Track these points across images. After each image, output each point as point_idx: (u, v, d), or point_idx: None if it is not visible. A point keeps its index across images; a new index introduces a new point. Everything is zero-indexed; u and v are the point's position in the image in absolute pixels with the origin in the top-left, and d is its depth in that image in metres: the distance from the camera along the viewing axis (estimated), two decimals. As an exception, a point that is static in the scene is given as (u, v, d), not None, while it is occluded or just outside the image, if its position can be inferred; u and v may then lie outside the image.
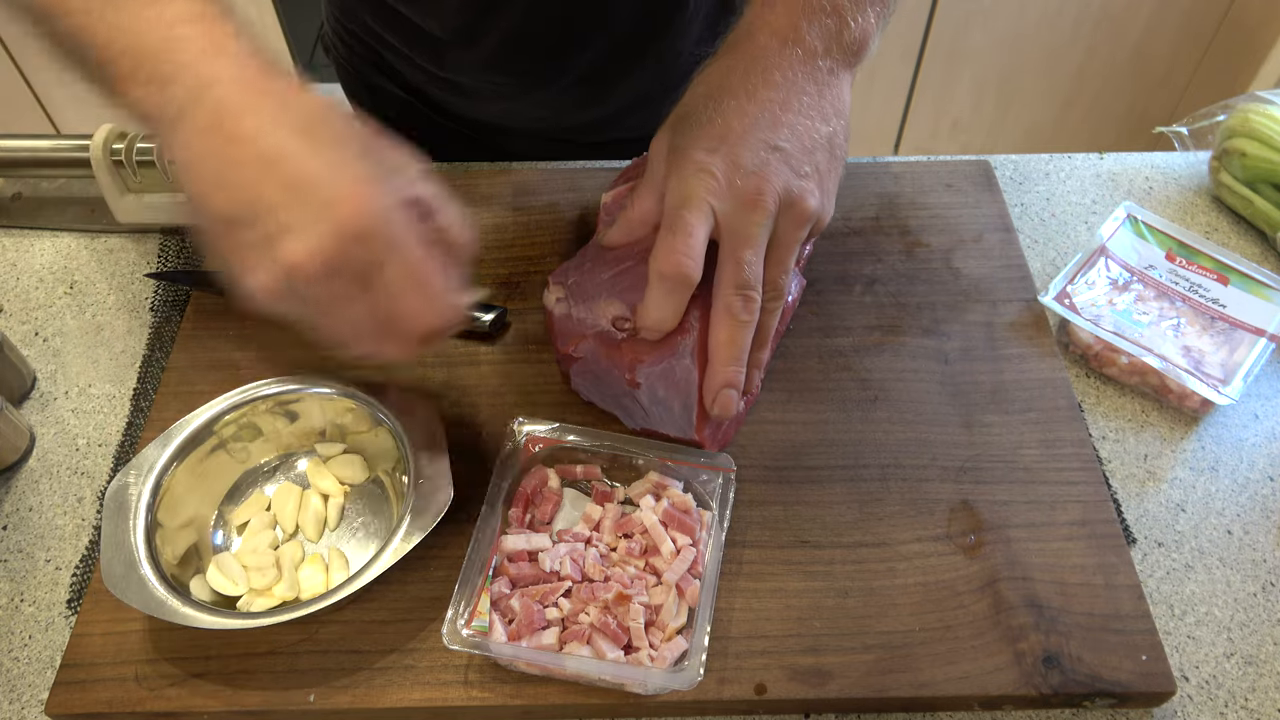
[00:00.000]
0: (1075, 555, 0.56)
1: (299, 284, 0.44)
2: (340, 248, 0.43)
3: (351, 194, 0.43)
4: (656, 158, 0.59)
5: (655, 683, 0.50)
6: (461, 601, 0.51)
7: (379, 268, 0.45)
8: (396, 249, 0.45)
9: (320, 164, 0.44)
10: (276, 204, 0.44)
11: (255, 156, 0.44)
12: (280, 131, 0.44)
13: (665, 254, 0.53)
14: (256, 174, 0.44)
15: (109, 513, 0.54)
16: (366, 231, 0.44)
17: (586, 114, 0.85)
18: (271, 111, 0.45)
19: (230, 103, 0.44)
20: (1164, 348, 0.65)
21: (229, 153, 0.44)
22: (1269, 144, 0.74)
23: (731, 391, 0.56)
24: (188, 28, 0.45)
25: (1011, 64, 1.73)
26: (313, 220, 0.43)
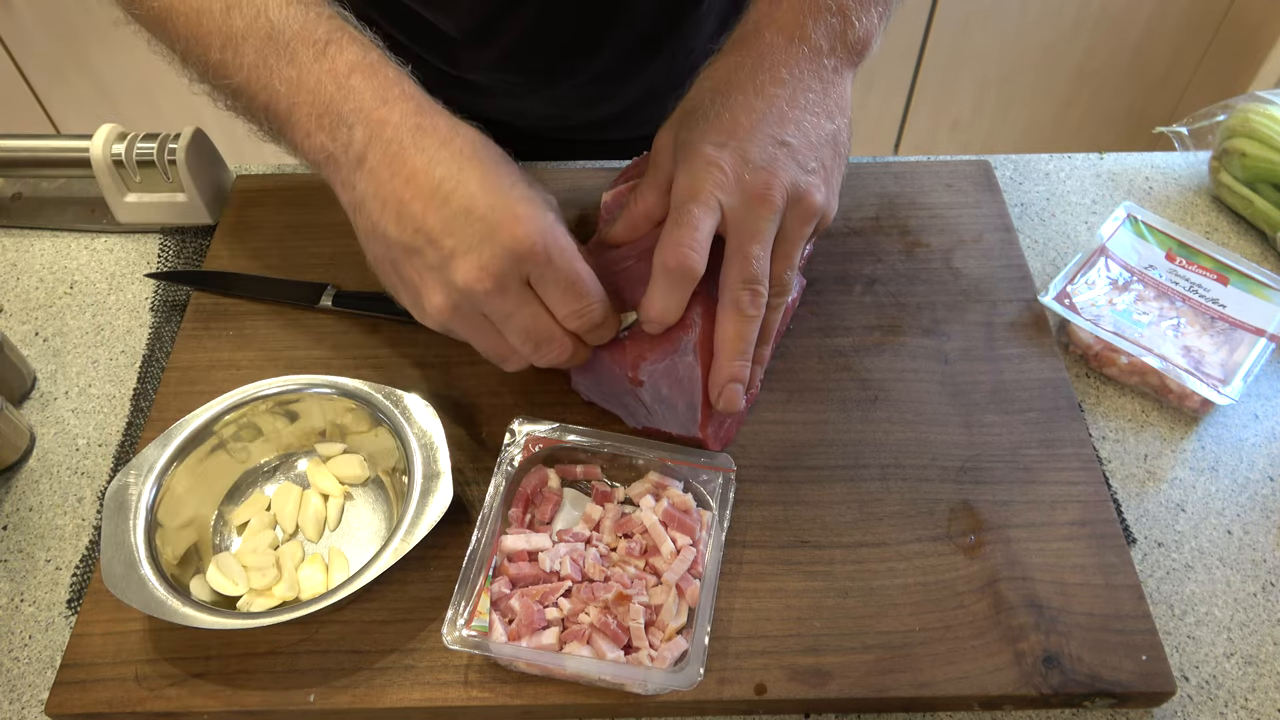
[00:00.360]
0: (1075, 555, 0.56)
1: (472, 300, 0.51)
2: (507, 264, 0.49)
3: (513, 216, 0.49)
4: (661, 154, 0.59)
5: (655, 683, 0.50)
6: (461, 601, 0.51)
7: (541, 279, 0.51)
8: (555, 260, 0.50)
9: (482, 191, 0.50)
10: (447, 230, 0.49)
11: (426, 190, 0.50)
12: (444, 166, 0.50)
13: (671, 247, 0.53)
14: (427, 205, 0.50)
15: (109, 513, 0.54)
16: (530, 247, 0.49)
17: (596, 112, 0.85)
18: (435, 149, 0.50)
19: (401, 144, 0.51)
20: (1164, 348, 0.65)
21: (403, 189, 0.50)
22: (1269, 144, 0.74)
23: (737, 386, 0.56)
24: (358, 78, 0.52)
25: (1011, 64, 1.73)
26: (480, 242, 0.49)
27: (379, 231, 0.52)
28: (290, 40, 0.53)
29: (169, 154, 0.73)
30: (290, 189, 0.77)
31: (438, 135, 0.51)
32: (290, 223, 0.74)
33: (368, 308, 0.68)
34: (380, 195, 0.51)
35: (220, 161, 0.79)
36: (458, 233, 0.49)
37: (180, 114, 1.74)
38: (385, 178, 0.51)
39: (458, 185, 0.50)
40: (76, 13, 1.60)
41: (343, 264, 0.71)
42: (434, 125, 0.51)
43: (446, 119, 0.52)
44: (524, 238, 0.49)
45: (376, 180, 0.51)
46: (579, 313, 0.53)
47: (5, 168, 0.76)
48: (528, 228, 0.49)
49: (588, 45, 0.78)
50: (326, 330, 0.68)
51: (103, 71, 1.69)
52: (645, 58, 0.80)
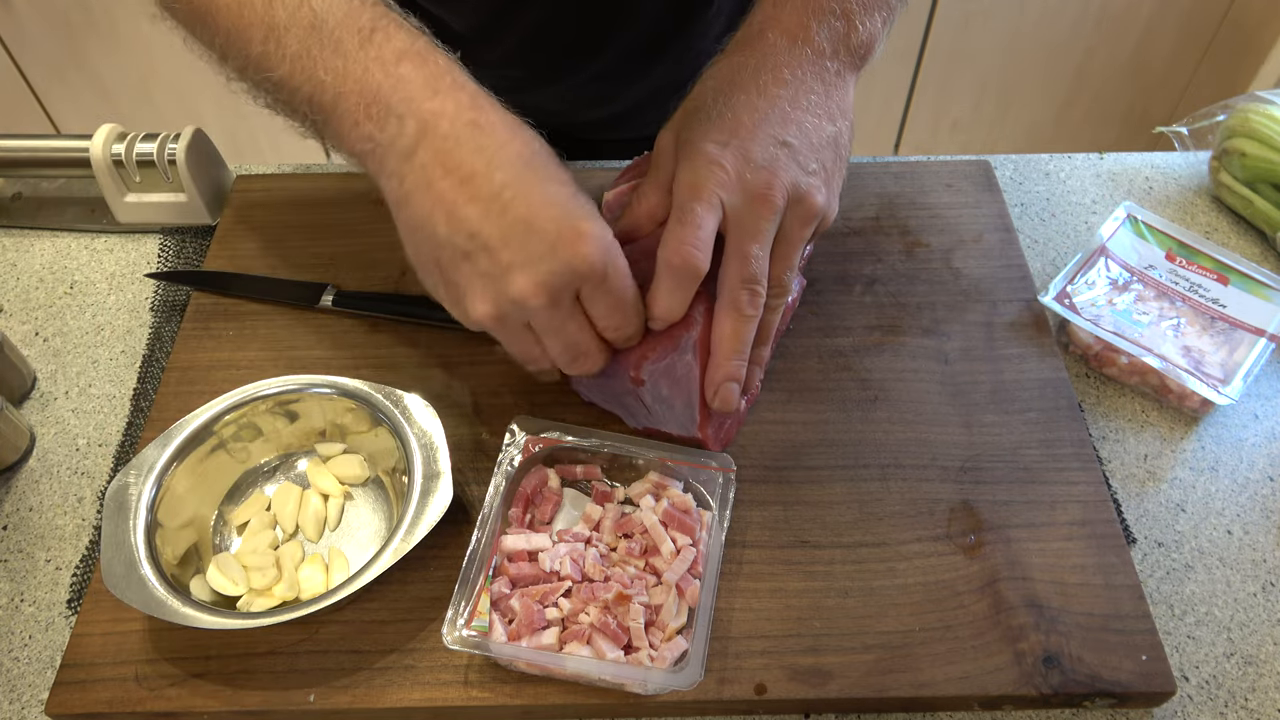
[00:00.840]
0: (1075, 555, 0.56)
1: (522, 312, 0.50)
2: (566, 280, 0.49)
3: (577, 233, 0.48)
4: (663, 153, 0.59)
5: (655, 683, 0.50)
6: (462, 601, 0.51)
7: (593, 296, 0.51)
8: (611, 280, 0.50)
9: (544, 203, 0.48)
10: (505, 241, 0.48)
11: (485, 195, 0.48)
12: (504, 170, 0.48)
13: (674, 245, 0.53)
14: (485, 211, 0.48)
15: (109, 513, 0.54)
16: (591, 266, 0.49)
17: (601, 111, 0.85)
18: (493, 149, 0.49)
19: (457, 140, 0.49)
20: (1164, 348, 0.65)
21: (458, 191, 0.48)
22: (1269, 144, 0.74)
23: (733, 385, 0.56)
24: (407, 66, 0.50)
25: (1011, 64, 1.73)
26: (540, 257, 0.48)
27: (427, 230, 0.50)
28: (334, 28, 0.51)
29: (169, 154, 0.74)
30: (290, 189, 0.77)
31: (495, 135, 0.49)
32: (290, 223, 0.74)
33: (368, 308, 0.68)
34: (432, 193, 0.49)
35: (220, 161, 0.79)
36: (516, 245, 0.48)
37: (180, 114, 1.74)
38: (438, 175, 0.49)
39: (517, 194, 0.48)
40: (76, 13, 1.60)
41: (343, 264, 0.71)
42: (491, 123, 0.50)
43: (502, 115, 0.51)
44: (587, 257, 0.48)
45: (428, 177, 0.49)
46: (620, 327, 0.54)
47: (5, 168, 0.76)
48: (592, 246, 0.48)
49: (594, 43, 0.78)
50: (326, 330, 0.68)
51: (103, 71, 1.69)
52: (651, 57, 0.80)
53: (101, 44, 1.65)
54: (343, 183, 0.77)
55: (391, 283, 0.70)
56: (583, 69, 0.80)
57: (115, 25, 1.62)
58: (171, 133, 0.75)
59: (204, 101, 1.71)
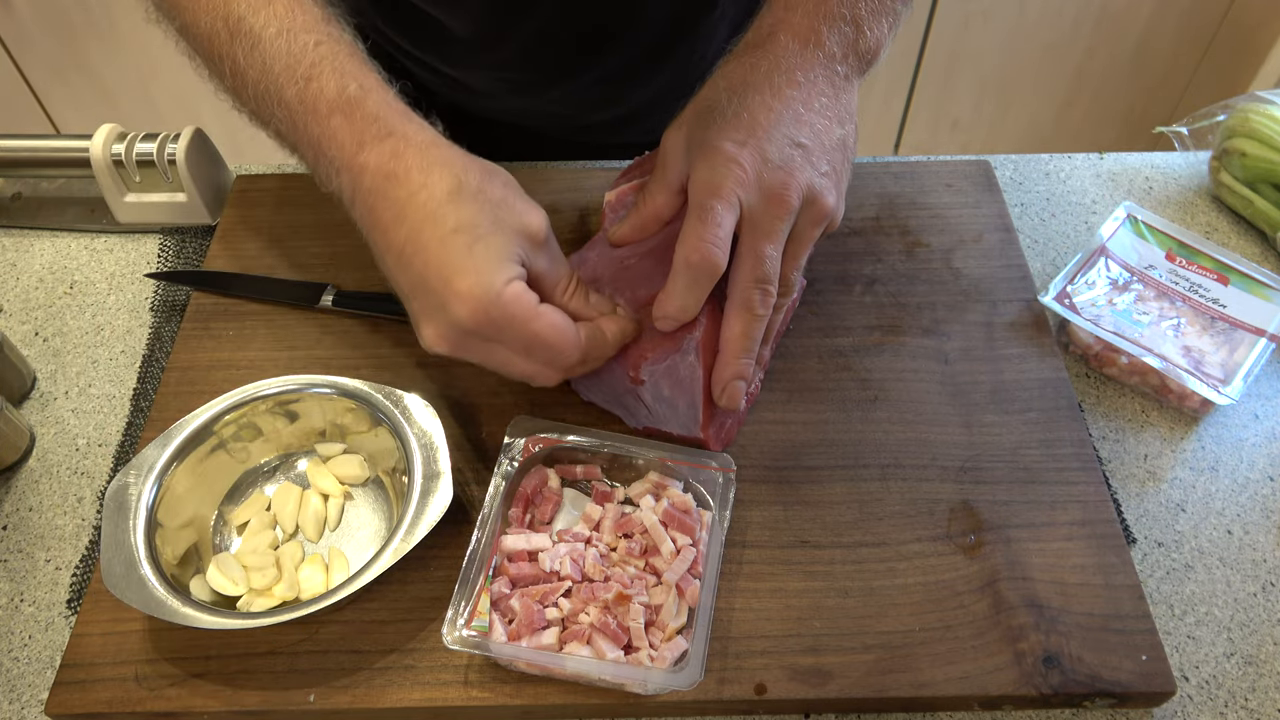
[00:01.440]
0: (1075, 555, 0.56)
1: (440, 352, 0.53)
2: (459, 336, 0.52)
3: (456, 293, 0.50)
4: (671, 153, 0.59)
5: (655, 683, 0.50)
6: (462, 601, 0.51)
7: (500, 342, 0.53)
8: (507, 329, 0.51)
9: (434, 260, 0.50)
10: (412, 292, 0.52)
11: (394, 248, 0.52)
12: (407, 224, 0.51)
13: (694, 243, 0.53)
14: (395, 263, 0.52)
15: (109, 513, 0.54)
16: (476, 322, 0.50)
17: (603, 114, 0.85)
18: (402, 202, 0.51)
19: (375, 194, 0.52)
20: (1164, 348, 0.65)
21: (379, 240, 0.53)
22: (1269, 144, 0.74)
23: (740, 384, 0.57)
24: (338, 119, 0.53)
25: (1011, 64, 1.73)
26: (435, 313, 0.51)
27: (377, 258, 0.55)
28: (279, 77, 0.53)
29: (169, 154, 0.74)
30: (290, 189, 0.77)
31: (407, 186, 0.51)
32: (290, 223, 0.74)
33: (368, 308, 0.68)
34: (369, 240, 0.54)
35: (220, 161, 0.79)
36: (419, 297, 0.52)
37: (180, 114, 1.74)
38: (368, 225, 0.53)
39: (416, 250, 0.51)
40: (76, 13, 1.60)
41: (343, 264, 0.71)
42: (406, 170, 0.51)
43: (420, 160, 0.52)
44: (468, 316, 0.50)
45: (364, 226, 0.54)
46: (547, 365, 0.54)
47: (5, 168, 0.76)
48: (470, 306, 0.50)
49: (599, 48, 0.78)
50: (326, 330, 0.68)
51: (103, 71, 1.69)
52: (656, 63, 0.80)
53: (101, 44, 1.65)
54: (343, 183, 0.77)
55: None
56: (585, 73, 0.80)
57: (115, 25, 1.62)
58: (171, 133, 0.75)
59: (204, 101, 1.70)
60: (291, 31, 0.54)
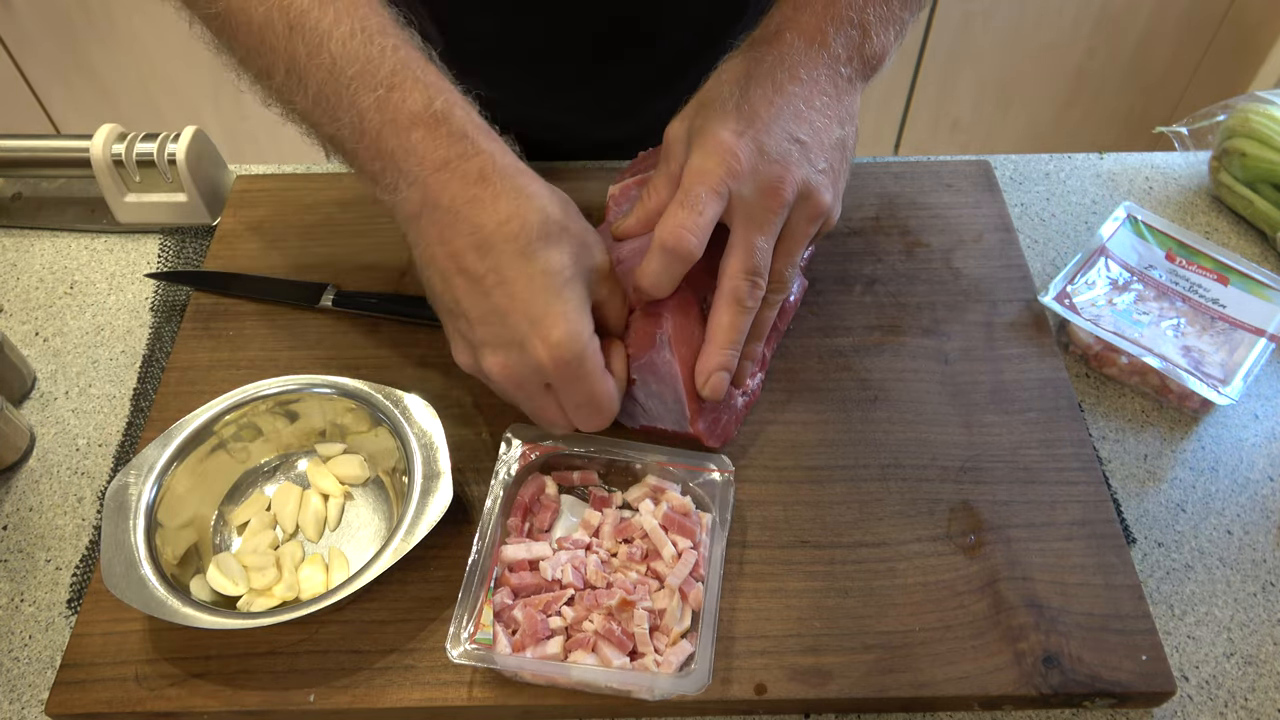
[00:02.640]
0: (1075, 555, 0.56)
1: (491, 381, 0.53)
2: (527, 372, 0.51)
3: (543, 336, 0.49)
4: (674, 145, 0.59)
5: (662, 688, 0.49)
6: (464, 614, 0.51)
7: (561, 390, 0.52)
8: (578, 381, 0.51)
9: (523, 295, 0.49)
10: (482, 320, 0.51)
11: (471, 274, 0.50)
12: (493, 254, 0.49)
13: (672, 226, 0.53)
14: (468, 288, 0.50)
15: (109, 513, 0.54)
16: (556, 366, 0.50)
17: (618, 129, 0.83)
18: (490, 228, 0.49)
19: (455, 214, 0.50)
20: (1164, 348, 0.65)
21: (449, 263, 0.51)
22: (1269, 144, 0.74)
23: (724, 375, 0.56)
24: (420, 133, 0.50)
25: (1011, 64, 1.73)
26: (510, 344, 0.50)
27: (427, 279, 0.53)
28: (352, 80, 0.50)
29: (169, 154, 0.74)
30: (290, 189, 0.77)
31: (495, 213, 0.50)
32: (290, 223, 0.74)
33: (368, 308, 0.68)
34: (428, 254, 0.52)
35: (220, 161, 0.79)
36: (491, 327, 0.50)
37: (180, 114, 1.74)
38: (434, 242, 0.51)
39: (500, 281, 0.49)
40: (76, 13, 1.60)
41: (343, 264, 0.71)
42: (494, 198, 0.50)
43: (507, 187, 0.50)
44: (553, 358, 0.50)
45: (427, 241, 0.51)
46: (589, 421, 0.55)
47: (5, 168, 0.76)
48: (560, 350, 0.49)
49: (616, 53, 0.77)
50: (326, 330, 0.68)
51: (103, 71, 1.69)
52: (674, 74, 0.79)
53: (101, 44, 1.65)
54: (343, 183, 0.77)
55: (391, 283, 0.70)
56: (600, 81, 0.79)
57: (115, 25, 1.62)
58: (171, 133, 0.75)
59: (204, 101, 1.71)
60: (367, 33, 0.51)
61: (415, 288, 0.69)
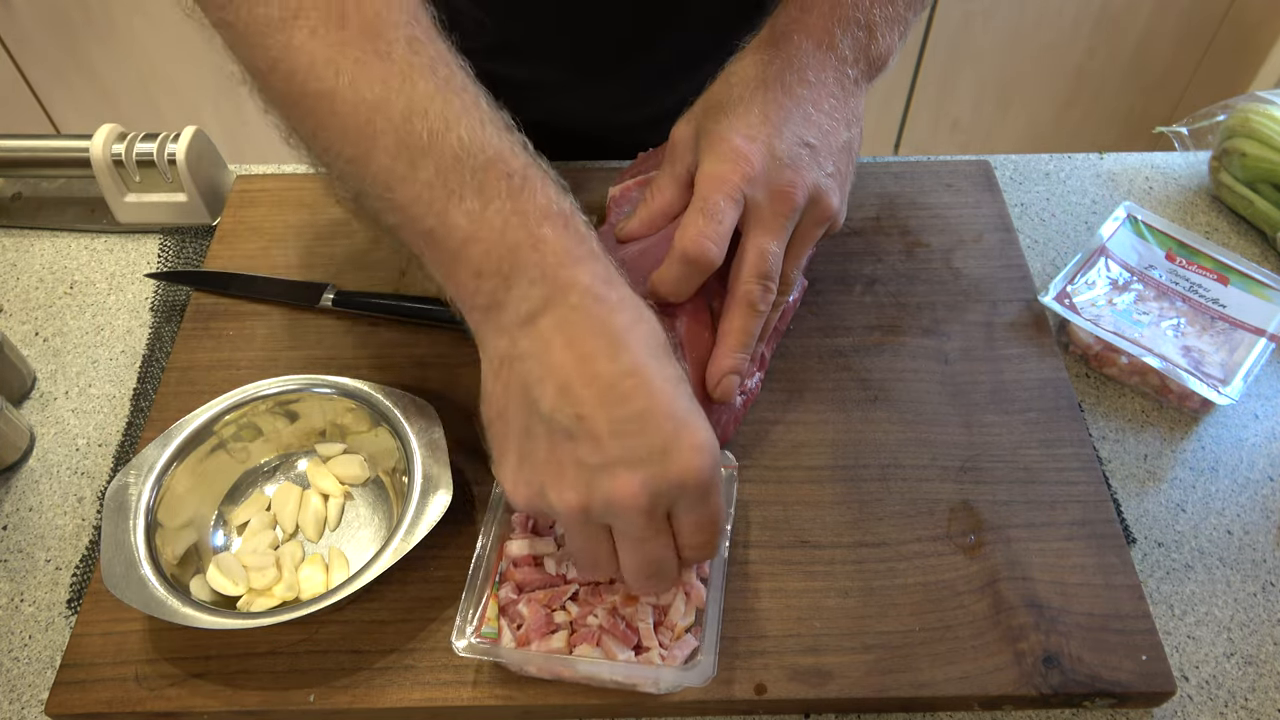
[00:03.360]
0: (1075, 555, 0.56)
1: (612, 513, 0.45)
2: (667, 490, 0.44)
3: (692, 441, 0.44)
4: (680, 146, 0.59)
5: (668, 681, 0.50)
6: (469, 609, 0.51)
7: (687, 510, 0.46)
8: (708, 497, 0.45)
9: (662, 402, 0.44)
10: (616, 433, 0.43)
11: (605, 380, 0.44)
12: (629, 355, 0.44)
13: (693, 234, 0.53)
14: (598, 396, 0.44)
15: (109, 513, 0.54)
16: (697, 482, 0.44)
17: (635, 114, 0.83)
18: (622, 330, 0.45)
19: (586, 313, 0.45)
20: (1164, 348, 0.65)
21: (576, 368, 0.44)
22: (1269, 144, 0.74)
23: (735, 378, 0.56)
24: (549, 228, 0.46)
25: (1011, 64, 1.73)
26: (649, 458, 0.43)
27: (531, 398, 0.45)
28: (483, 167, 0.46)
29: (169, 154, 0.74)
30: (290, 189, 0.77)
31: (625, 315, 0.46)
32: (290, 223, 0.74)
33: (368, 308, 0.68)
34: (547, 363, 0.45)
35: (220, 161, 0.79)
36: (628, 441, 0.44)
37: (180, 114, 1.74)
38: (558, 346, 0.45)
39: (639, 385, 0.44)
40: (76, 13, 1.60)
41: (343, 264, 0.71)
42: (621, 301, 0.46)
43: (631, 294, 0.47)
44: (700, 471, 0.44)
45: (546, 345, 0.45)
46: (702, 547, 0.48)
47: (5, 168, 0.76)
48: (703, 460, 0.44)
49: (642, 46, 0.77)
50: (326, 330, 0.68)
51: (103, 71, 1.69)
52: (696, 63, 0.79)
53: (101, 44, 1.65)
54: (343, 183, 0.77)
55: (391, 283, 0.70)
56: (624, 72, 0.79)
57: (115, 25, 1.62)
58: (171, 133, 0.75)
59: (204, 101, 1.71)
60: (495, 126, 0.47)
61: (415, 287, 0.69)
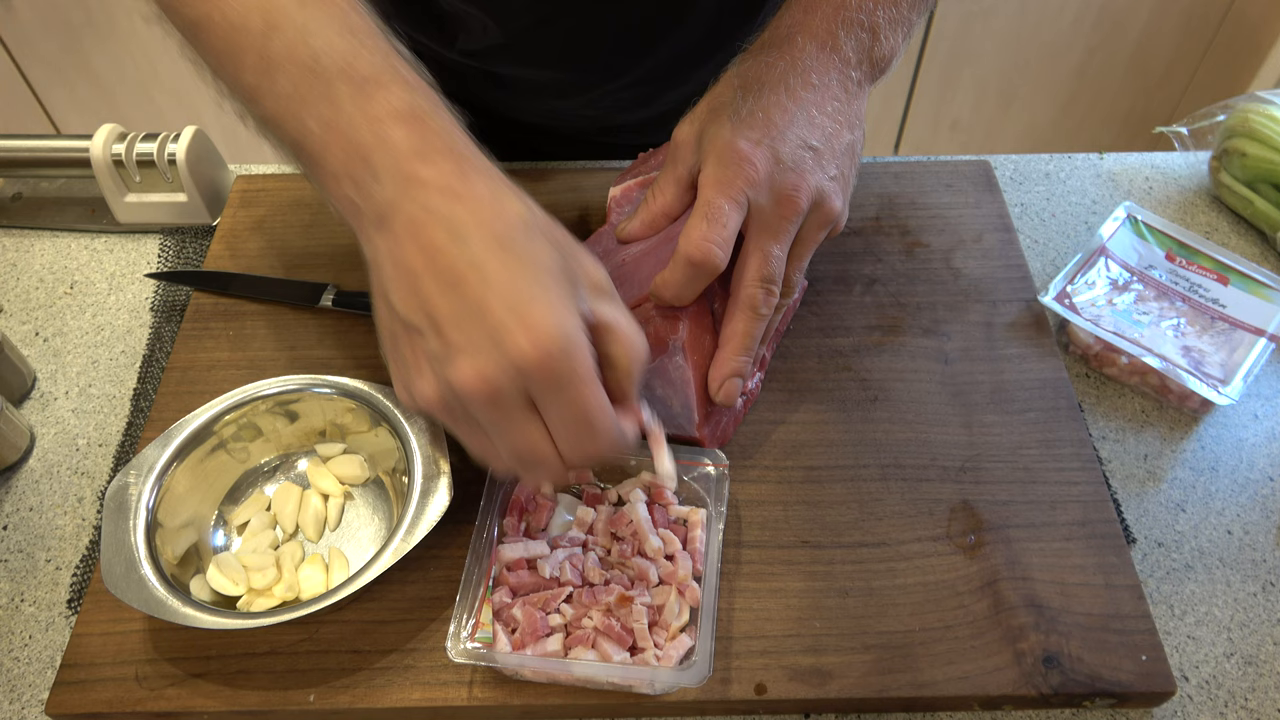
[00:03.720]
0: (1075, 555, 0.56)
1: (462, 403, 0.45)
2: (507, 377, 0.43)
3: (526, 324, 0.43)
4: (682, 148, 0.59)
5: (663, 682, 0.50)
6: (464, 614, 0.51)
7: (545, 402, 0.44)
8: (566, 387, 0.44)
9: (502, 288, 0.43)
10: (454, 321, 0.44)
11: (443, 270, 0.44)
12: (472, 246, 0.44)
13: (697, 239, 0.53)
14: (440, 287, 0.44)
15: (109, 513, 0.54)
16: (537, 363, 0.43)
17: (634, 115, 0.84)
18: (464, 224, 0.45)
19: (428, 209, 0.45)
20: (1164, 348, 0.65)
21: (419, 261, 0.45)
22: (1269, 144, 0.74)
23: (737, 380, 0.57)
24: (398, 128, 0.46)
25: (1011, 64, 1.73)
26: (484, 344, 0.43)
27: (387, 298, 0.47)
28: (331, 75, 0.47)
29: (169, 154, 0.74)
30: (290, 189, 0.77)
31: (474, 209, 0.45)
32: (290, 223, 0.74)
33: (368, 308, 0.68)
34: (395, 261, 0.46)
35: (220, 161, 0.79)
36: (466, 329, 0.44)
37: (180, 114, 1.74)
38: (406, 245, 0.45)
39: (479, 274, 0.44)
40: (76, 13, 1.60)
41: (343, 264, 0.71)
42: (473, 195, 0.45)
43: (491, 186, 0.46)
44: (532, 352, 0.42)
45: (397, 245, 0.46)
46: (581, 448, 0.46)
47: (5, 168, 0.77)
48: (540, 341, 0.42)
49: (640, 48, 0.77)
50: (326, 330, 0.68)
51: (103, 71, 1.69)
52: (694, 66, 0.79)
53: (101, 44, 1.65)
54: (343, 183, 0.77)
55: (391, 283, 0.70)
56: (624, 74, 0.79)
57: (115, 25, 1.62)
58: (171, 133, 0.75)
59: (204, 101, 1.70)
60: (354, 33, 0.48)
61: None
